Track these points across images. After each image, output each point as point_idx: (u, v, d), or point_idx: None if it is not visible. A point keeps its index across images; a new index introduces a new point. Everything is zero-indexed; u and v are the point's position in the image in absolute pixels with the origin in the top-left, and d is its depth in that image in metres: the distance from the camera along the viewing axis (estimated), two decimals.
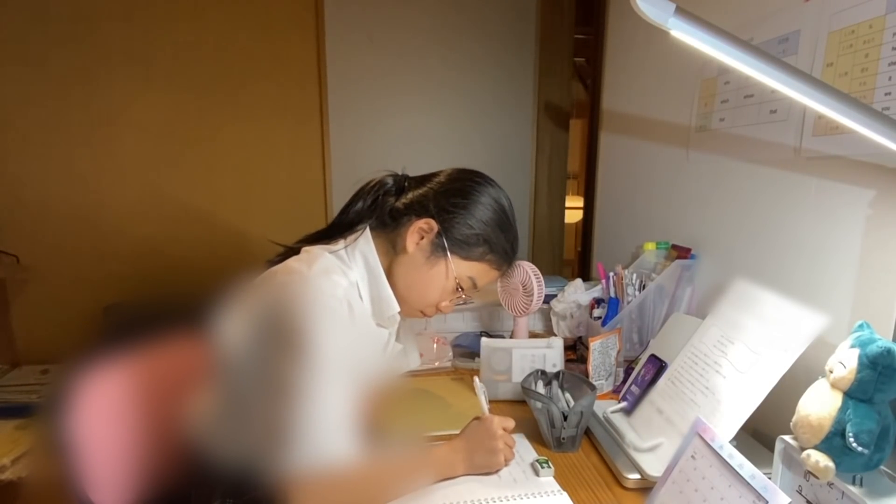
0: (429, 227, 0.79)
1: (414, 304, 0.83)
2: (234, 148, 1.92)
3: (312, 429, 0.66)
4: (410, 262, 0.80)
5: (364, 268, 0.79)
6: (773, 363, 0.71)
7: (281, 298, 0.70)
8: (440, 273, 0.80)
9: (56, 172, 1.78)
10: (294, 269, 0.73)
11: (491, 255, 0.82)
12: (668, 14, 0.48)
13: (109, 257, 1.86)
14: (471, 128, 2.11)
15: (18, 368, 1.73)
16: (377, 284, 0.80)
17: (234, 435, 0.74)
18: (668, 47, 1.26)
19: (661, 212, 1.36)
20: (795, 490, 0.65)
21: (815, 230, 0.84)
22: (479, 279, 0.83)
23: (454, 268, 0.80)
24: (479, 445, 0.79)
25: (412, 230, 0.79)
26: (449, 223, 0.79)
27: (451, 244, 0.79)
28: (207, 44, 1.84)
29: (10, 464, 1.33)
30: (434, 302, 0.83)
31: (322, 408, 0.66)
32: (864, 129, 0.56)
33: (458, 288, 0.82)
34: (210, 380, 0.78)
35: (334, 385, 0.68)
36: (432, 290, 0.81)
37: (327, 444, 0.66)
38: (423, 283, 0.81)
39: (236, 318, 0.74)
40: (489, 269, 0.83)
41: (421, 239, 0.80)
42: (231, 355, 0.73)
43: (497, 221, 0.82)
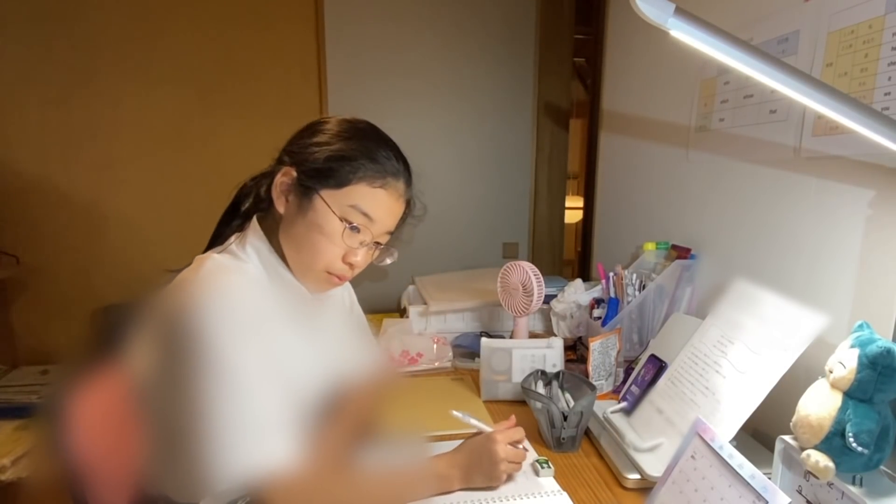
0: (287, 176, 0.73)
1: (313, 266, 0.74)
2: (234, 147, 1.92)
3: (233, 438, 0.61)
4: (288, 223, 0.73)
5: (258, 259, 0.74)
6: (773, 363, 0.71)
7: (172, 311, 0.65)
8: (318, 216, 0.71)
9: (56, 172, 1.78)
10: (181, 278, 0.69)
11: (362, 171, 0.71)
12: (668, 14, 0.48)
13: (109, 257, 1.86)
14: (471, 127, 2.11)
15: (18, 369, 1.73)
16: (276, 272, 0.74)
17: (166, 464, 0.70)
18: (668, 47, 1.26)
19: (661, 212, 1.36)
20: (795, 490, 0.65)
21: (815, 230, 0.84)
22: (366, 206, 0.72)
23: (329, 203, 0.71)
24: (479, 465, 0.75)
25: (276, 190, 0.73)
26: (302, 161, 0.72)
27: (314, 180, 0.71)
28: (207, 43, 1.84)
29: (10, 464, 1.33)
30: (333, 254, 0.73)
31: (238, 415, 0.62)
32: (864, 129, 0.56)
33: (348, 225, 0.72)
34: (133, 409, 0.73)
35: (246, 388, 0.63)
36: (321, 240, 0.72)
37: (254, 451, 0.62)
38: (307, 237, 0.72)
39: (136, 343, 0.70)
40: (369, 188, 0.72)
41: (288, 194, 0.73)
42: (141, 382, 0.69)
43: (350, 133, 0.74)
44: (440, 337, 1.34)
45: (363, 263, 0.77)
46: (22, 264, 1.77)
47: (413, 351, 1.26)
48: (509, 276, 1.22)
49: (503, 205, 2.19)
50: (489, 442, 0.76)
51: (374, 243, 0.77)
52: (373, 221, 0.73)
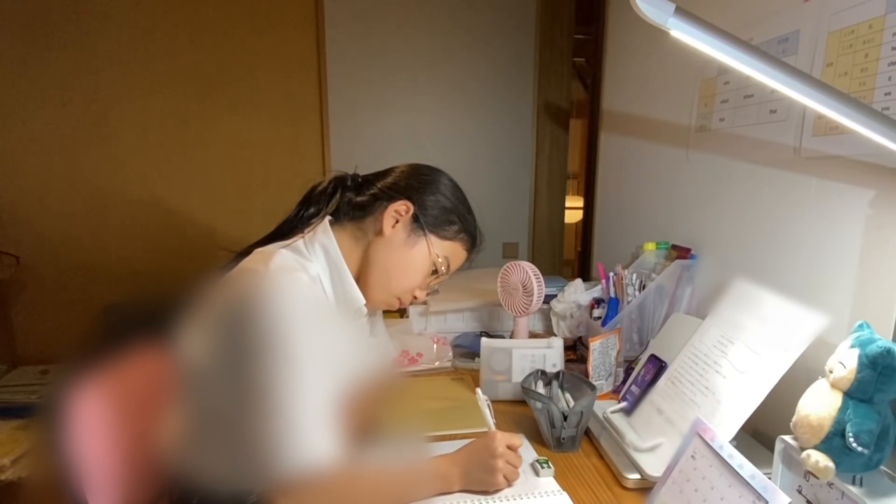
0: (405, 208, 0.80)
1: (393, 290, 0.82)
2: (233, 147, 1.92)
3: (290, 432, 0.63)
4: (390, 244, 0.80)
5: (325, 260, 0.78)
6: (773, 363, 0.71)
7: (240, 300, 0.66)
8: (420, 253, 0.81)
9: (56, 173, 1.79)
10: (249, 269, 0.70)
11: (464, 234, 0.85)
12: (668, 14, 0.48)
13: (109, 257, 1.86)
14: (471, 127, 2.11)
15: (18, 368, 1.73)
16: (340, 277, 0.78)
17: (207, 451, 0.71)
18: (668, 47, 1.26)
19: (661, 212, 1.36)
20: (795, 490, 0.65)
21: (815, 230, 0.84)
22: (452, 260, 0.85)
23: (433, 248, 0.82)
24: (478, 463, 0.76)
25: (388, 213, 0.79)
26: (422, 203, 0.81)
27: (428, 222, 0.81)
28: (207, 43, 1.84)
29: (10, 464, 1.33)
30: (413, 285, 0.83)
31: (297, 410, 0.64)
32: (864, 129, 0.56)
33: (434, 269, 0.83)
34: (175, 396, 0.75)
35: (307, 384, 0.65)
36: (413, 272, 0.82)
37: (307, 446, 0.64)
38: (404, 264, 0.81)
39: (195, 328, 0.71)
40: (461, 248, 0.86)
41: (396, 222, 0.80)
42: (193, 368, 0.70)
43: (462, 201, 0.86)
44: (440, 337, 1.34)
45: (422, 299, 0.88)
46: (22, 264, 1.77)
47: (413, 351, 1.26)
48: (509, 276, 1.22)
49: (503, 205, 2.19)
50: (488, 439, 0.78)
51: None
52: (446, 271, 0.85)
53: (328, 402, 0.68)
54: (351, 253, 0.80)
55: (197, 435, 0.73)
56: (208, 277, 0.74)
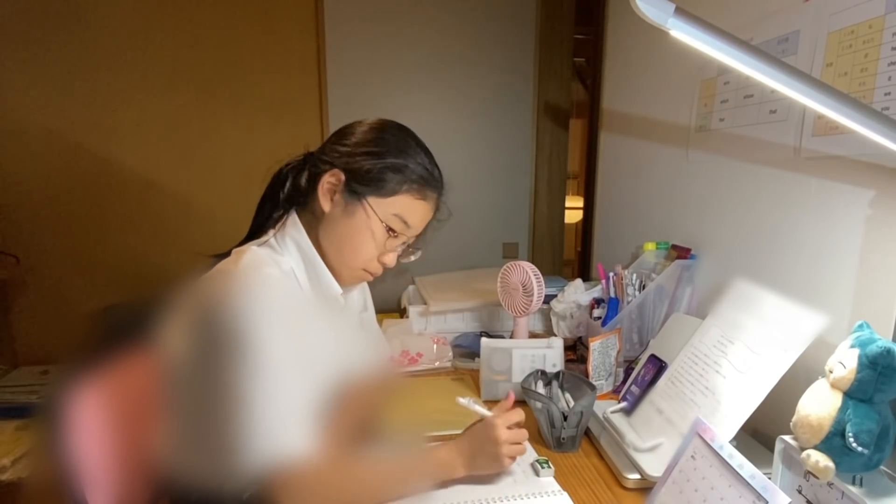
0: (335, 178, 0.76)
1: (351, 264, 0.79)
2: (234, 146, 1.92)
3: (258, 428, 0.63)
4: (331, 222, 0.77)
5: (297, 252, 0.77)
6: (773, 363, 0.71)
7: (211, 300, 0.67)
8: (362, 220, 0.76)
9: (56, 172, 1.78)
10: (220, 269, 0.71)
11: (408, 184, 0.77)
12: (668, 14, 0.48)
13: (109, 257, 1.86)
14: (471, 127, 2.11)
15: (18, 369, 1.73)
16: (314, 267, 0.77)
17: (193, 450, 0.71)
18: (668, 47, 1.26)
19: (661, 212, 1.36)
20: (795, 490, 0.65)
21: (815, 230, 0.84)
22: (406, 214, 0.78)
23: (375, 210, 0.76)
24: (481, 450, 0.76)
25: (321, 188, 0.76)
26: (353, 166, 0.75)
27: (363, 186, 0.75)
28: (207, 42, 1.84)
29: (11, 464, 1.33)
30: (371, 255, 0.79)
31: (265, 405, 0.64)
32: (864, 129, 0.56)
33: (389, 231, 0.77)
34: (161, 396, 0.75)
35: (277, 379, 0.65)
36: (362, 243, 0.77)
37: (277, 441, 0.64)
38: (350, 238, 0.77)
39: (172, 332, 0.72)
40: (412, 199, 0.78)
41: (333, 195, 0.76)
42: (173, 370, 0.71)
43: (400, 146, 0.77)
44: (440, 337, 1.34)
45: (393, 263, 0.82)
46: (22, 264, 1.77)
47: (413, 351, 1.26)
48: (509, 276, 1.22)
49: (503, 205, 2.19)
50: (490, 427, 0.77)
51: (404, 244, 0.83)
52: (409, 228, 0.80)
53: (305, 395, 0.68)
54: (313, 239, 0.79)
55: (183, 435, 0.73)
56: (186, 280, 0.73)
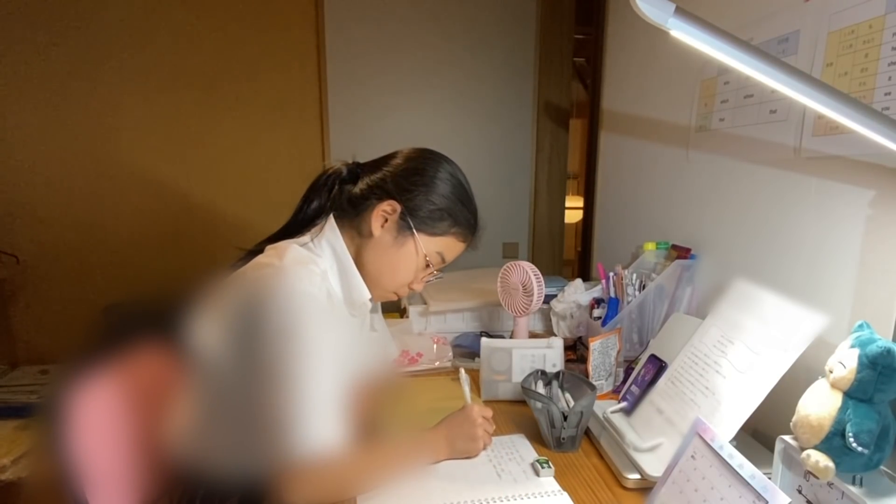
0: (392, 208, 0.80)
1: (386, 287, 0.84)
2: (234, 146, 1.92)
3: (305, 417, 0.66)
4: (378, 246, 0.81)
5: (332, 257, 0.80)
6: (773, 363, 0.71)
7: (257, 293, 0.69)
8: (409, 252, 0.81)
9: (56, 172, 1.79)
10: (265, 263, 0.73)
11: (456, 228, 0.84)
12: (668, 14, 0.48)
13: (109, 257, 1.86)
14: (471, 127, 2.11)
15: (18, 369, 1.73)
16: (346, 273, 0.81)
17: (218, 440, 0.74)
18: (668, 47, 1.26)
19: (661, 212, 1.36)
20: (795, 490, 0.65)
21: (815, 230, 0.84)
22: (446, 253, 0.85)
23: (422, 245, 0.81)
24: (460, 432, 0.82)
25: (376, 214, 0.80)
26: (411, 202, 0.80)
27: (416, 222, 0.81)
28: (207, 43, 1.84)
29: (10, 464, 1.33)
30: (406, 282, 0.85)
31: (312, 396, 0.67)
32: (864, 129, 0.56)
33: (427, 265, 0.84)
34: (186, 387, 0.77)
35: (322, 373, 0.68)
36: (403, 271, 0.83)
37: (319, 431, 0.67)
38: (393, 265, 0.82)
39: (209, 322, 0.73)
40: (456, 241, 0.85)
41: (385, 222, 0.81)
42: (208, 359, 0.72)
43: (457, 194, 0.84)
44: (440, 337, 1.34)
45: (421, 289, 0.89)
46: (22, 264, 1.77)
47: (413, 351, 1.26)
48: (509, 276, 1.22)
49: (503, 205, 2.19)
50: (464, 411, 0.84)
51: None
52: (444, 263, 0.86)
53: (338, 392, 0.71)
54: (350, 250, 0.82)
55: (208, 426, 0.75)
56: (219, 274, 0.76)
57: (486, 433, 0.84)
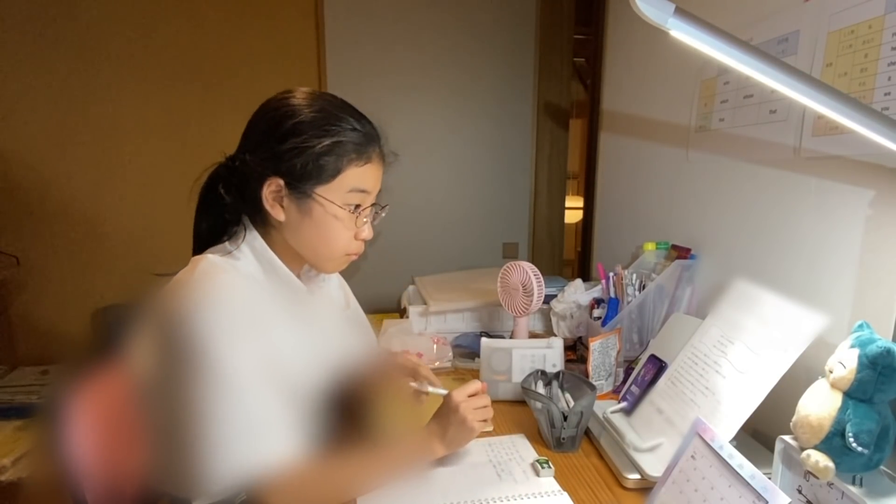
0: (275, 185, 0.72)
1: (331, 255, 0.77)
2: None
3: (233, 438, 0.63)
4: (292, 226, 0.74)
5: (253, 256, 0.75)
6: (773, 363, 0.71)
7: (168, 311, 0.66)
8: (322, 213, 0.73)
9: (56, 173, 1.78)
10: (177, 279, 0.70)
11: (347, 156, 0.73)
12: (668, 14, 0.48)
13: (109, 257, 1.86)
14: (471, 127, 2.11)
15: (18, 369, 1.73)
16: (273, 267, 0.76)
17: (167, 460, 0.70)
18: (668, 47, 1.26)
19: (661, 212, 1.36)
20: (795, 490, 0.65)
21: (815, 230, 0.84)
22: (360, 184, 0.75)
23: (329, 198, 0.73)
24: (448, 422, 0.78)
25: (268, 201, 0.73)
26: (283, 167, 0.71)
27: (305, 182, 0.72)
28: (207, 40, 1.84)
29: (11, 464, 1.33)
30: (346, 239, 0.77)
31: (237, 414, 0.63)
32: (864, 129, 0.56)
33: (351, 209, 0.75)
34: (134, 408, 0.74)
35: (246, 387, 0.64)
36: (332, 232, 0.75)
37: (254, 449, 0.64)
38: (317, 234, 0.74)
39: (137, 343, 0.71)
40: (358, 168, 0.74)
41: (281, 201, 0.73)
42: (141, 381, 0.70)
43: (319, 123, 0.72)
44: (440, 337, 1.34)
45: (371, 235, 0.80)
46: (22, 264, 1.77)
47: (413, 351, 1.26)
48: (509, 276, 1.22)
49: (503, 205, 2.19)
50: (448, 399, 0.79)
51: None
52: (368, 193, 0.77)
53: (279, 399, 0.68)
54: (277, 247, 0.77)
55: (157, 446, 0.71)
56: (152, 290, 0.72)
57: (479, 410, 0.78)
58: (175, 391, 0.64)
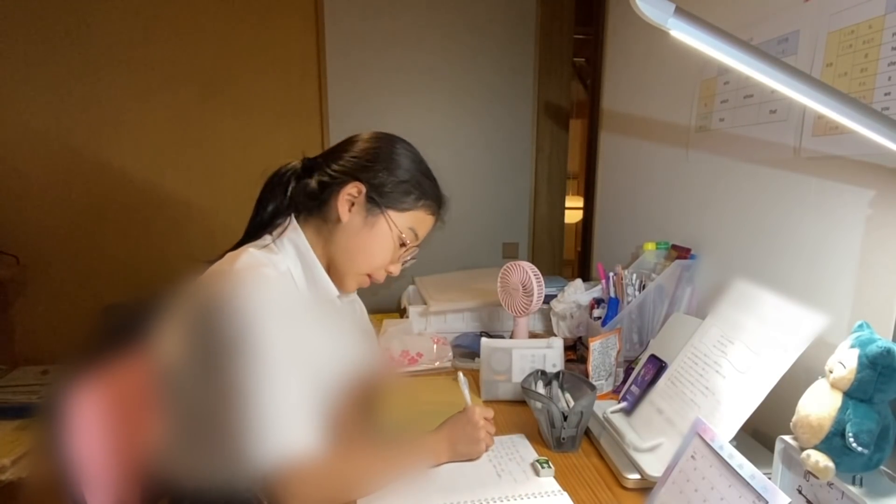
0: (357, 190, 0.79)
1: (362, 270, 0.83)
2: (233, 146, 1.92)
3: (264, 426, 0.64)
4: (348, 230, 0.80)
5: (295, 255, 0.79)
6: (772, 363, 0.71)
7: (208, 300, 0.68)
8: (382, 231, 0.81)
9: (56, 173, 1.78)
10: (216, 270, 0.72)
11: (423, 201, 0.83)
12: (668, 14, 0.48)
13: (109, 257, 1.86)
14: (471, 127, 2.11)
15: (18, 369, 1.73)
16: (311, 269, 0.80)
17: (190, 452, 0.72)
18: (668, 47, 1.26)
19: (661, 212, 1.36)
20: (795, 490, 0.65)
21: (815, 230, 0.84)
22: (418, 228, 0.84)
23: (395, 223, 0.81)
24: (462, 434, 0.82)
25: (341, 199, 0.78)
26: (374, 180, 0.79)
27: (384, 200, 0.80)
28: (207, 42, 1.84)
29: (10, 464, 1.33)
30: (382, 263, 0.83)
31: (269, 403, 0.65)
32: (864, 129, 0.56)
33: (402, 243, 0.83)
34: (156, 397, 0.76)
35: (280, 377, 0.66)
36: (378, 251, 0.82)
37: (282, 438, 0.65)
38: (366, 247, 0.81)
39: (168, 334, 0.72)
40: (425, 215, 0.85)
41: (352, 205, 0.79)
42: (170, 372, 0.71)
43: (418, 168, 0.84)
44: (440, 337, 1.34)
45: (398, 272, 0.87)
46: (22, 264, 1.77)
47: (413, 351, 1.26)
48: (509, 276, 1.22)
49: (503, 205, 2.19)
50: (465, 413, 0.84)
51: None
52: (417, 239, 0.86)
53: (305, 392, 0.69)
54: (317, 245, 0.81)
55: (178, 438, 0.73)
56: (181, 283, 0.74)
57: (488, 435, 0.84)
58: (211, 377, 0.66)
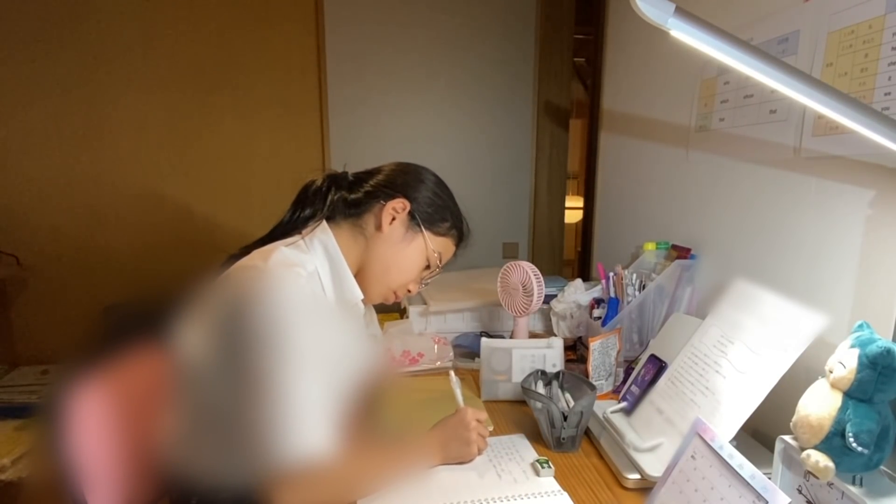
0: (402, 206, 0.82)
1: (391, 284, 0.86)
2: (233, 145, 1.92)
3: (290, 423, 0.65)
4: (387, 242, 0.83)
5: (324, 255, 0.80)
6: (773, 363, 0.71)
7: (240, 295, 0.67)
8: (417, 249, 0.85)
9: (56, 172, 1.79)
10: (248, 265, 0.71)
11: (454, 230, 0.89)
12: (668, 14, 0.48)
13: (109, 257, 1.86)
14: (471, 127, 2.11)
15: (18, 369, 1.73)
16: (338, 272, 0.81)
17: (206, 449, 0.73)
18: (668, 47, 1.26)
19: (661, 212, 1.36)
20: (795, 490, 0.65)
21: (815, 230, 0.84)
22: (444, 255, 0.89)
23: (429, 244, 0.85)
24: (454, 436, 0.81)
25: (387, 210, 0.82)
26: (418, 200, 0.84)
27: (425, 221, 0.84)
28: (207, 43, 1.84)
29: (11, 464, 1.33)
30: (409, 279, 0.87)
31: (297, 401, 0.65)
32: (864, 129, 0.56)
33: (428, 265, 0.87)
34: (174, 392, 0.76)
35: (307, 377, 0.67)
36: (409, 267, 0.86)
37: (307, 437, 0.65)
38: (400, 261, 0.84)
39: (192, 328, 0.72)
40: (451, 243, 0.90)
41: (393, 219, 0.82)
42: (192, 366, 0.71)
43: (453, 201, 0.90)
44: (440, 337, 1.34)
45: (416, 291, 0.92)
46: (22, 264, 1.77)
47: (413, 351, 1.26)
48: (509, 276, 1.22)
49: (503, 205, 2.19)
50: (458, 415, 0.84)
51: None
52: (439, 264, 0.89)
53: (326, 395, 0.70)
54: (349, 250, 0.82)
55: (196, 433, 0.73)
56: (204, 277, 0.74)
57: (481, 437, 0.83)
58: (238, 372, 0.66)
